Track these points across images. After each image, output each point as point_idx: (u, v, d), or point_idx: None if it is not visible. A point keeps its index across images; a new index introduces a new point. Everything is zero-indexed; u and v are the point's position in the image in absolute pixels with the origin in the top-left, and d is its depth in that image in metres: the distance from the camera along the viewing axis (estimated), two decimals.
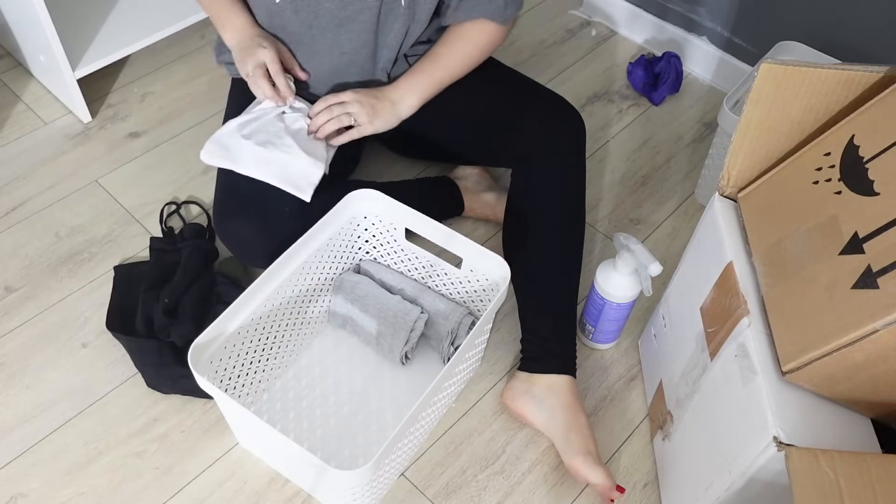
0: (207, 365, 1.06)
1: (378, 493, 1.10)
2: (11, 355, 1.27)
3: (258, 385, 1.19)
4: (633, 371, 1.30)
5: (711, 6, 1.71)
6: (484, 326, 1.14)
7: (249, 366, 1.15)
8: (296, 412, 1.20)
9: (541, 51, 1.85)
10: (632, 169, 1.61)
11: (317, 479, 1.07)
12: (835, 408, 0.86)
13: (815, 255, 0.85)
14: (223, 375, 1.10)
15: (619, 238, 1.17)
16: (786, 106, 0.95)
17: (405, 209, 1.20)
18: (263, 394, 1.21)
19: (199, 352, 1.03)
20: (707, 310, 1.02)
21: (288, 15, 1.18)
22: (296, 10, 1.17)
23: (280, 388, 1.23)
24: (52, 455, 1.17)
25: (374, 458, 0.93)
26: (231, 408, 0.99)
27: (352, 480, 0.95)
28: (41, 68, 1.64)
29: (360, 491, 1.02)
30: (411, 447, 1.15)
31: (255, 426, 0.96)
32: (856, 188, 0.85)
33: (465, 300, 1.28)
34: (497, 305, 1.12)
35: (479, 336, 1.15)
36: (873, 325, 0.74)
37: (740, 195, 1.02)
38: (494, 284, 1.20)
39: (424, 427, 1.15)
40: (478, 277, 1.21)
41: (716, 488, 0.93)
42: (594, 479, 1.11)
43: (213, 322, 1.05)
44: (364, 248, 1.31)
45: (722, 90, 1.77)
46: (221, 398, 0.99)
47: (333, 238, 1.21)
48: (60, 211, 1.47)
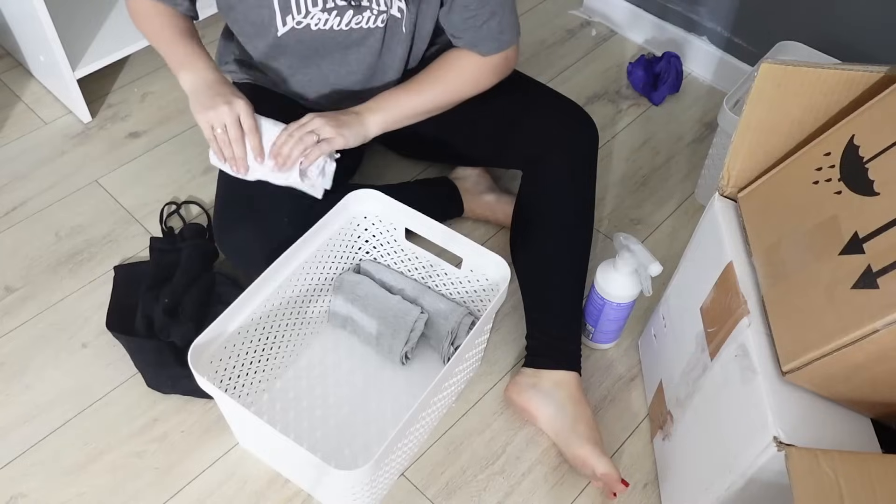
0: (207, 365, 1.06)
1: (378, 492, 1.10)
2: (11, 355, 1.27)
3: (258, 385, 1.19)
4: (633, 371, 1.30)
5: (711, 6, 1.71)
6: (484, 326, 1.14)
7: (249, 366, 1.15)
8: (296, 412, 1.20)
9: (541, 51, 1.85)
10: (632, 169, 1.61)
11: (317, 479, 1.07)
12: (835, 408, 0.86)
13: (815, 255, 0.85)
14: (223, 375, 1.10)
15: (620, 238, 1.17)
16: (786, 106, 0.95)
17: (405, 209, 1.20)
18: (263, 394, 1.21)
19: (199, 352, 1.03)
20: (707, 310, 1.02)
21: (292, 45, 1.17)
22: (300, 40, 1.16)
23: (280, 388, 1.23)
24: (52, 455, 1.17)
25: (374, 457, 0.93)
26: (231, 408, 0.99)
27: (352, 480, 0.95)
28: (41, 68, 1.64)
29: (360, 491, 1.02)
30: (411, 447, 1.15)
31: (255, 426, 0.96)
32: (856, 188, 0.85)
33: (464, 300, 1.28)
34: (497, 305, 1.12)
35: (478, 336, 1.15)
36: (873, 325, 0.74)
37: (740, 195, 1.02)
38: (494, 284, 1.20)
39: (424, 427, 1.15)
40: (478, 277, 1.22)
41: (716, 488, 0.93)
42: (601, 468, 1.11)
43: (213, 322, 1.05)
44: (364, 249, 1.31)
45: (722, 90, 1.77)
46: (221, 398, 0.99)
47: (333, 238, 1.21)
48: (60, 211, 1.47)
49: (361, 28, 1.15)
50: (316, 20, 1.13)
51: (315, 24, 1.13)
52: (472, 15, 1.13)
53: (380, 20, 1.15)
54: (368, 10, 1.13)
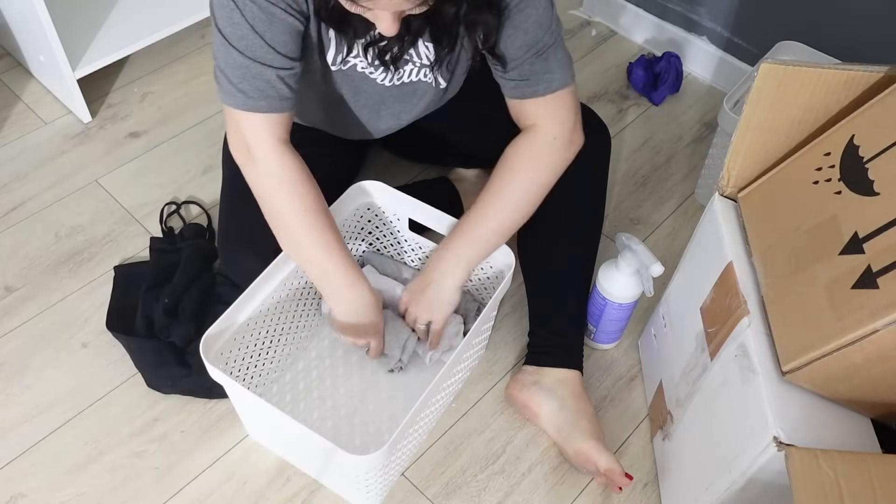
0: (218, 357, 1.07)
1: (390, 478, 1.12)
2: (11, 355, 1.27)
3: (267, 377, 1.21)
4: (633, 371, 1.30)
5: (711, 6, 1.71)
6: (490, 313, 1.15)
7: (258, 358, 1.16)
8: (306, 403, 1.22)
9: None
10: (632, 169, 1.61)
11: (330, 467, 1.08)
12: (835, 408, 0.86)
13: (815, 255, 0.85)
14: (233, 367, 1.12)
15: (622, 238, 1.17)
16: (786, 106, 0.95)
17: (409, 200, 1.21)
18: (273, 385, 1.23)
19: (210, 344, 1.05)
20: (707, 310, 1.02)
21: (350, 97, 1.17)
22: (357, 92, 1.15)
23: (290, 379, 1.24)
24: (52, 455, 1.17)
25: (388, 442, 0.95)
26: (243, 397, 1.00)
27: (366, 465, 0.97)
28: (41, 68, 1.64)
29: (372, 477, 1.03)
30: (421, 433, 1.16)
31: (267, 414, 0.97)
32: (856, 188, 0.85)
33: (469, 289, 1.29)
34: (502, 292, 1.13)
35: (485, 323, 1.17)
36: (873, 325, 0.74)
37: (740, 195, 1.02)
38: (499, 272, 1.21)
39: (433, 414, 1.17)
40: (482, 266, 1.22)
41: (716, 488, 0.93)
42: (604, 463, 1.11)
43: (223, 314, 1.06)
44: (367, 240, 1.32)
45: (722, 90, 1.77)
46: (233, 388, 1.00)
47: (338, 228, 1.21)
48: (60, 211, 1.47)
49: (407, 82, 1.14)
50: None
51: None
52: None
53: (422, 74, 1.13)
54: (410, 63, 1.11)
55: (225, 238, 1.21)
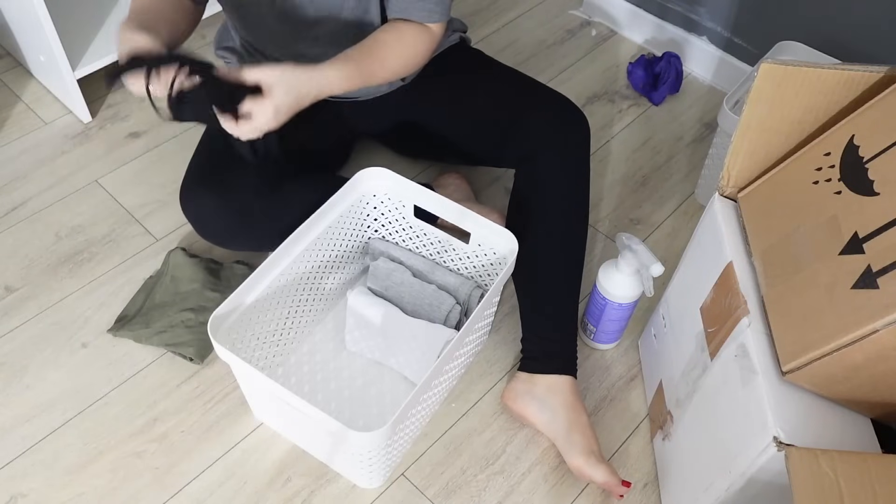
0: (226, 337, 1.08)
1: (392, 461, 1.13)
2: (11, 355, 1.27)
3: (272, 360, 1.22)
4: (633, 371, 1.30)
5: (711, 6, 1.71)
6: (493, 298, 1.16)
7: (264, 340, 1.18)
8: (310, 385, 1.24)
9: (541, 51, 1.85)
10: (632, 169, 1.61)
11: (335, 445, 1.09)
12: (835, 408, 0.86)
13: (815, 255, 0.85)
14: (240, 349, 1.13)
15: (622, 238, 1.17)
16: (786, 106, 0.95)
17: (414, 186, 1.22)
18: (278, 368, 1.25)
19: (218, 324, 1.06)
20: (707, 310, 1.02)
21: (272, 24, 1.19)
22: (282, 22, 1.17)
23: (294, 362, 1.26)
24: (52, 455, 1.17)
25: (391, 420, 0.96)
26: (251, 377, 1.01)
27: (370, 442, 0.98)
28: (41, 68, 1.64)
29: (376, 455, 1.04)
30: (424, 415, 1.17)
31: (274, 393, 0.99)
32: (856, 188, 0.85)
33: (472, 275, 1.30)
34: (506, 277, 1.14)
35: (487, 308, 1.18)
36: (873, 325, 0.74)
37: (740, 195, 1.02)
38: (502, 258, 1.22)
39: (435, 398, 1.18)
40: (485, 251, 1.23)
41: (716, 488, 0.93)
42: (599, 477, 1.11)
43: (230, 296, 1.07)
44: (373, 227, 1.33)
45: (722, 90, 1.77)
46: (241, 367, 1.01)
47: (344, 215, 1.23)
48: (60, 211, 1.47)
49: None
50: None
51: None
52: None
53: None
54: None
55: (185, 182, 1.23)
